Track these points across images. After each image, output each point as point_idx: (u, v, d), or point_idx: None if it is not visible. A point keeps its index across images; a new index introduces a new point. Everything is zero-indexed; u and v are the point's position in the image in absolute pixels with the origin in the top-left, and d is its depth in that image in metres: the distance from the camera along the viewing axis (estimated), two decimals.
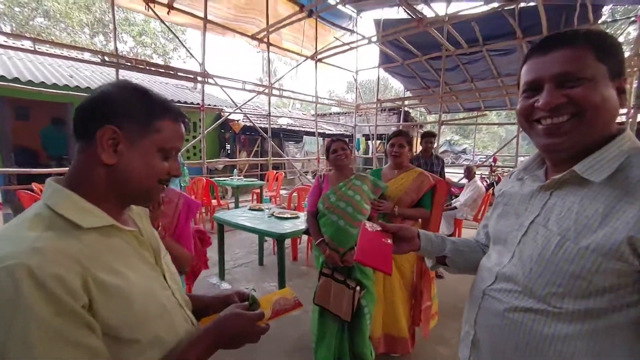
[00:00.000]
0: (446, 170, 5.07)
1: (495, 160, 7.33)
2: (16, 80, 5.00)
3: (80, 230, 0.49)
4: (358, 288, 1.64)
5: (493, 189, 5.96)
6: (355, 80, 9.64)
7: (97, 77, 6.98)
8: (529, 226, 0.65)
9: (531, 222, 0.65)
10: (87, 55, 5.33)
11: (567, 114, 0.57)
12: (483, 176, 8.49)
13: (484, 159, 13.74)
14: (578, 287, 0.55)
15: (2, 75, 4.95)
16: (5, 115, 5.43)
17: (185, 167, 3.54)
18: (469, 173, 4.99)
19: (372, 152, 10.37)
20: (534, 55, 0.61)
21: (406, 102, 10.01)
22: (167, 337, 0.55)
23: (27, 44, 5.19)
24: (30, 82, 5.11)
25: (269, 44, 6.89)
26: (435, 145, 3.66)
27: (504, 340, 0.65)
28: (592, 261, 0.54)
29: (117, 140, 0.53)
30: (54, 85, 5.35)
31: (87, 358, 0.44)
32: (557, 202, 0.62)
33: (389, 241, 0.82)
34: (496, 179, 6.43)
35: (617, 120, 0.60)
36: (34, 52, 4.51)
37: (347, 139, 2.19)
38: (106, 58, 4.85)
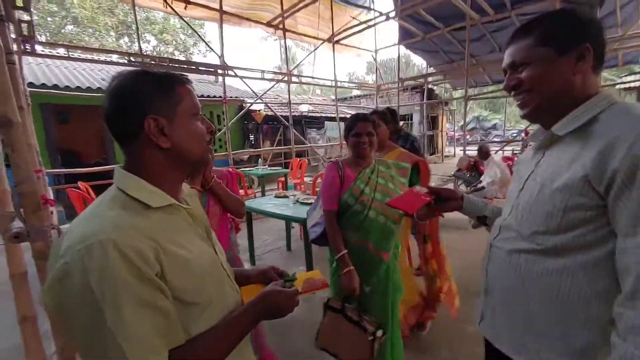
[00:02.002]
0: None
1: (527, 135, 6.93)
2: (55, 87, 5.38)
3: (149, 210, 0.57)
4: (380, 333, 1.25)
5: None
6: (375, 60, 9.36)
7: None
8: (525, 183, 0.77)
9: (526, 179, 0.76)
10: (114, 58, 5.61)
11: (524, 91, 0.73)
12: (515, 152, 8.07)
13: (516, 134, 13.00)
14: (553, 223, 0.66)
15: (43, 83, 5.34)
16: (50, 120, 5.89)
17: None
18: (482, 154, 4.92)
19: None
20: (506, 47, 0.77)
21: (429, 79, 9.61)
22: (218, 302, 0.63)
23: (61, 52, 5.54)
24: (67, 88, 5.49)
25: (285, 30, 6.84)
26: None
27: (507, 282, 0.76)
28: (561, 198, 0.65)
29: (161, 125, 0.58)
30: (88, 89, 5.70)
31: (161, 317, 0.51)
32: (545, 159, 0.73)
33: (428, 198, 0.98)
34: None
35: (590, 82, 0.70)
36: (68, 58, 4.82)
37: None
38: (132, 59, 5.08)
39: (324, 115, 10.77)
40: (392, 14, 7.04)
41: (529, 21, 0.72)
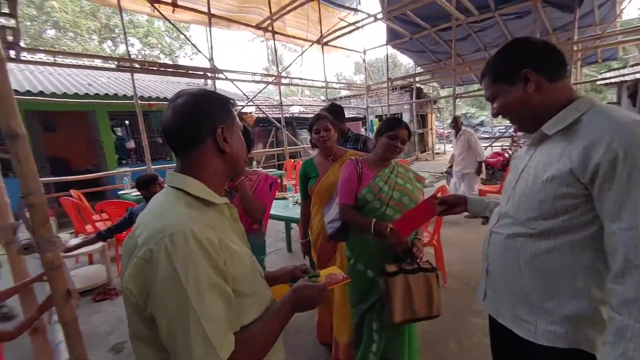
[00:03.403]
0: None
1: (516, 131, 7.10)
2: (41, 93, 5.25)
3: (207, 207, 0.65)
4: (434, 274, 1.35)
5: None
6: (364, 60, 9.45)
7: (113, 82, 7.18)
8: (520, 175, 0.87)
9: (521, 172, 0.86)
10: (98, 62, 5.50)
11: (504, 116, 0.88)
12: (504, 147, 8.28)
13: (504, 130, 13.33)
14: (545, 210, 0.76)
15: (28, 90, 5.19)
16: (36, 129, 5.73)
17: None
18: (457, 123, 4.57)
19: None
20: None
21: (417, 79, 9.75)
22: (258, 297, 0.68)
23: (44, 57, 5.40)
24: (53, 94, 5.35)
25: (274, 32, 6.84)
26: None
27: (505, 262, 0.86)
28: (551, 188, 0.74)
29: (225, 134, 0.68)
30: (75, 95, 5.57)
31: (225, 301, 0.57)
32: (537, 154, 0.84)
33: (434, 209, 1.17)
34: (518, 149, 6.23)
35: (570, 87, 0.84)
36: (54, 64, 4.71)
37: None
38: (120, 63, 5.00)
39: None
40: (380, 15, 7.14)
41: (485, 65, 0.89)
